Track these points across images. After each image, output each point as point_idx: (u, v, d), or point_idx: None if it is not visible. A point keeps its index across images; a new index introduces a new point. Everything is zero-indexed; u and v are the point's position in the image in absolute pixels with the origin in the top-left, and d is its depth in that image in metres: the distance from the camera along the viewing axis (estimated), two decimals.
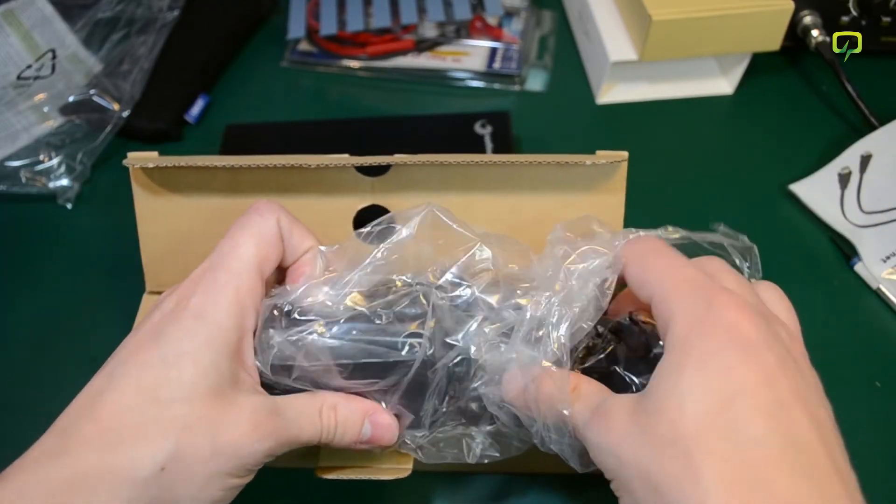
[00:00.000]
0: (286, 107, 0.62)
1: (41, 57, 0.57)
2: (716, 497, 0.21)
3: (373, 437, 0.30)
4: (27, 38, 0.57)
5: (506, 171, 0.37)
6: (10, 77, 0.56)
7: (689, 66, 0.61)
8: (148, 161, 0.36)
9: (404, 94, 0.62)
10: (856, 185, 0.51)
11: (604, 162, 0.36)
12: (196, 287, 0.27)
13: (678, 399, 0.23)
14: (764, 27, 0.54)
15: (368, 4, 0.63)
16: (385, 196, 0.39)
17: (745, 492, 0.21)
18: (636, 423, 0.24)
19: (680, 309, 0.25)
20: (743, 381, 0.23)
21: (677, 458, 0.22)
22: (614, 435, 0.25)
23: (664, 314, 0.26)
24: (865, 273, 0.48)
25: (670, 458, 0.23)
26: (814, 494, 0.21)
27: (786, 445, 0.22)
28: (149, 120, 0.57)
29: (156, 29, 0.61)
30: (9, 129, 0.56)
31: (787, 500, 0.21)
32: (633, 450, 0.24)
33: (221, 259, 0.28)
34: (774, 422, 0.22)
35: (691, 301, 0.25)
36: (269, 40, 0.66)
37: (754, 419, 0.22)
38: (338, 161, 0.36)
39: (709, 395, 0.23)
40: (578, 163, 0.36)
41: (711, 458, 0.22)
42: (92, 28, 0.60)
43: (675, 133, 0.59)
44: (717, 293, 0.25)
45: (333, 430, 0.29)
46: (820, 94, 0.60)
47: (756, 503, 0.21)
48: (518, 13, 0.66)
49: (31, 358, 0.45)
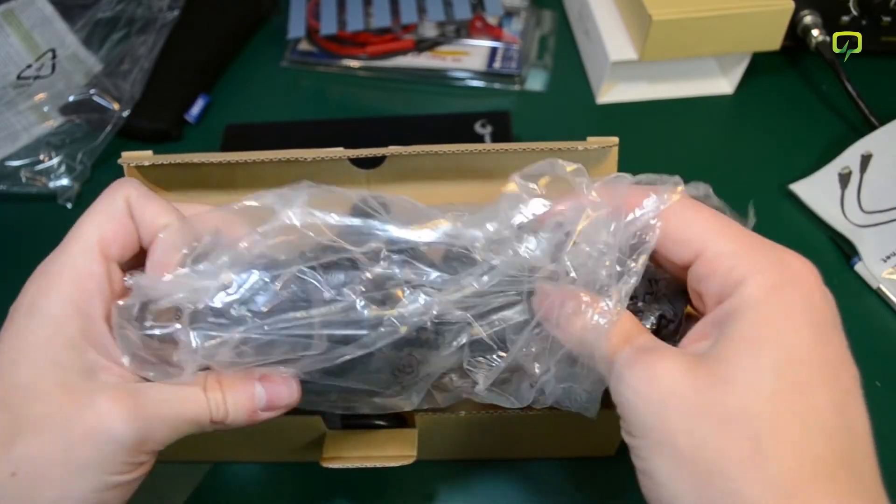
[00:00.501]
0: (286, 107, 0.62)
1: (41, 57, 0.57)
2: (782, 487, 0.20)
3: (270, 400, 0.27)
4: (27, 37, 0.57)
5: (499, 160, 0.38)
6: (10, 77, 0.56)
7: (689, 66, 0.61)
8: (143, 160, 0.36)
9: (404, 94, 0.62)
10: (856, 185, 0.51)
11: (595, 147, 0.36)
12: (32, 281, 0.25)
13: (754, 374, 0.21)
14: (764, 27, 0.54)
15: (368, 4, 0.63)
16: (381, 187, 0.39)
17: (810, 486, 0.20)
18: (695, 384, 0.21)
19: (756, 269, 0.23)
20: (818, 367, 0.21)
21: (745, 438, 0.20)
22: (663, 388, 0.22)
23: (729, 271, 0.23)
24: (865, 273, 0.48)
25: (736, 436, 0.21)
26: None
27: (851, 444, 0.21)
28: (149, 120, 0.57)
29: (156, 29, 0.61)
30: (9, 129, 0.56)
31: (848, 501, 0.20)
32: (685, 412, 0.21)
33: (61, 246, 0.26)
34: (842, 417, 0.21)
35: (768, 263, 0.23)
36: (269, 40, 0.66)
37: (826, 410, 0.21)
38: (333, 154, 0.36)
39: (785, 376, 0.21)
40: (571, 149, 0.36)
41: (783, 446, 0.20)
42: (92, 28, 0.60)
43: (675, 133, 0.59)
44: (789, 257, 0.23)
45: (222, 402, 0.26)
46: (820, 94, 0.60)
47: (818, 502, 0.20)
48: (518, 13, 0.66)
49: None
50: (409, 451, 0.35)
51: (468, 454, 0.41)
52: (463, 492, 0.40)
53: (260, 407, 0.27)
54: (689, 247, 0.25)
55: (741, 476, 0.20)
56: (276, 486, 0.41)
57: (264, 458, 0.41)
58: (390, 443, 0.36)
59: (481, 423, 0.36)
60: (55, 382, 0.24)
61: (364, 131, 0.57)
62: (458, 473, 0.41)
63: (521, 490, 0.40)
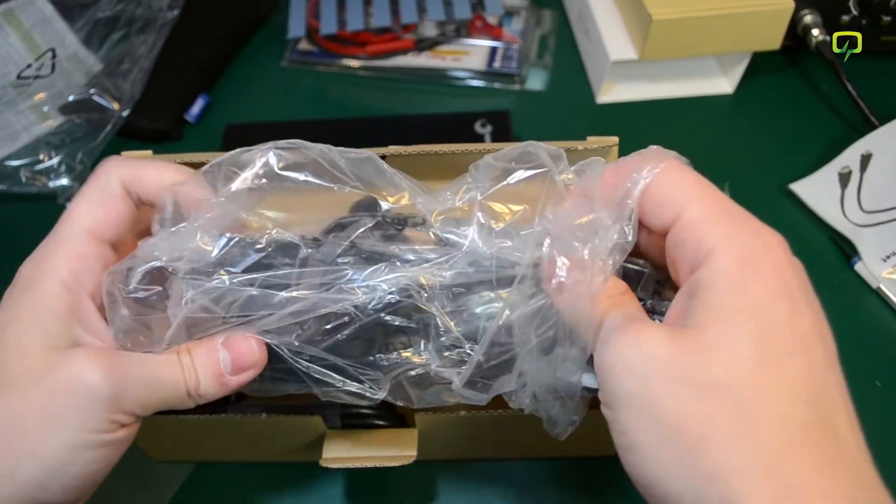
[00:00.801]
0: (286, 106, 0.62)
1: (41, 56, 0.57)
2: (767, 455, 0.20)
3: (234, 361, 0.27)
4: (27, 37, 0.57)
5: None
6: (10, 77, 0.56)
7: (689, 66, 0.61)
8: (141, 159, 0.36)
9: (404, 94, 0.62)
10: (856, 185, 0.51)
11: (595, 146, 0.36)
12: (27, 263, 0.27)
13: (736, 344, 0.21)
14: (764, 27, 0.54)
15: (368, 4, 0.63)
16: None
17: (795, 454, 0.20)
18: (679, 352, 0.22)
19: (727, 239, 0.23)
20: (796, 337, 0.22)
21: (729, 407, 0.21)
22: (647, 353, 0.22)
23: (701, 239, 0.23)
24: (865, 272, 0.48)
25: (720, 405, 0.21)
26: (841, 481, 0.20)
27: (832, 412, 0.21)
28: (149, 119, 0.57)
29: (156, 29, 0.60)
30: (9, 129, 0.56)
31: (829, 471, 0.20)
32: (669, 378, 0.21)
33: (54, 229, 0.27)
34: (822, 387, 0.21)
35: (739, 233, 0.23)
36: (269, 40, 0.66)
37: (806, 380, 0.21)
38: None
39: (765, 347, 0.21)
40: (570, 148, 0.36)
41: (767, 416, 0.20)
42: (92, 27, 0.60)
43: (675, 132, 0.59)
44: (764, 230, 0.23)
45: (192, 366, 0.26)
46: (820, 93, 0.60)
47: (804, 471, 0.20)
48: (518, 12, 0.66)
49: None
50: (408, 451, 0.35)
51: (468, 454, 0.41)
52: (462, 492, 0.40)
53: (226, 370, 0.27)
54: (669, 209, 0.24)
55: (726, 444, 0.20)
56: (276, 487, 0.41)
57: (265, 459, 0.41)
58: (390, 443, 0.36)
59: (481, 422, 0.35)
60: (39, 344, 0.25)
61: (364, 131, 0.57)
62: (458, 473, 0.41)
63: (521, 490, 0.40)
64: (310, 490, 0.41)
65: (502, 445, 0.40)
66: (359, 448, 0.36)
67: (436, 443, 0.38)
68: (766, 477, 0.20)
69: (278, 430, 0.37)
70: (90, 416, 0.24)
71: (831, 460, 0.20)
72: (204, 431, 0.37)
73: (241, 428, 0.37)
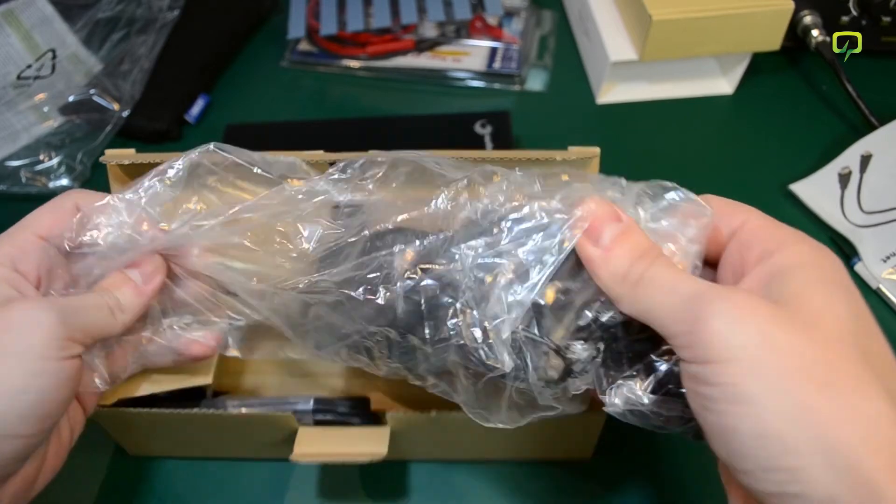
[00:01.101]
0: (286, 107, 0.62)
1: (41, 57, 0.57)
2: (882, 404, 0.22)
3: (142, 274, 0.31)
4: (27, 38, 0.57)
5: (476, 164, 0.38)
6: (10, 77, 0.56)
7: (689, 66, 0.61)
8: (124, 158, 0.37)
9: (404, 94, 0.62)
10: (856, 185, 0.51)
11: (574, 158, 0.37)
12: None
13: (838, 315, 0.23)
14: (764, 27, 0.54)
15: (368, 4, 0.63)
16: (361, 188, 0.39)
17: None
18: (790, 312, 0.23)
19: (791, 237, 0.26)
20: (869, 320, 0.24)
21: (852, 356, 0.22)
22: (764, 315, 0.23)
23: (770, 237, 0.26)
24: (865, 273, 0.48)
25: (844, 355, 0.22)
26: None
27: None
28: (148, 120, 0.57)
29: (156, 29, 0.61)
30: (9, 129, 0.56)
31: None
32: (789, 331, 0.23)
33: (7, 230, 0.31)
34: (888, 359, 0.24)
35: (794, 233, 0.26)
36: (269, 40, 0.66)
37: (883, 351, 0.24)
38: (311, 157, 0.37)
39: (856, 322, 0.24)
40: (549, 158, 0.36)
41: (882, 375, 0.22)
42: (92, 28, 0.60)
43: (675, 133, 0.59)
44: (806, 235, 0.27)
45: (109, 291, 0.30)
46: (820, 94, 0.60)
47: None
48: (518, 13, 0.66)
49: None
50: (379, 449, 0.35)
51: (442, 454, 0.41)
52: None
53: (138, 281, 0.31)
54: (735, 217, 0.28)
55: (855, 389, 0.22)
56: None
57: (238, 455, 0.41)
58: (361, 440, 0.36)
59: (452, 422, 0.36)
60: None
61: (364, 131, 0.57)
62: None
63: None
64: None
65: (476, 446, 0.40)
66: (330, 444, 0.36)
67: (408, 441, 0.38)
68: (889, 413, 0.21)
69: (251, 426, 0.38)
70: (41, 343, 0.27)
71: None
72: (178, 426, 0.38)
73: (214, 423, 0.38)
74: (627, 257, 0.26)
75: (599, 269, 0.26)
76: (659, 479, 0.40)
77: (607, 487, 0.40)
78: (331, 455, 0.35)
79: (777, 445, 0.21)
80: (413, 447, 0.39)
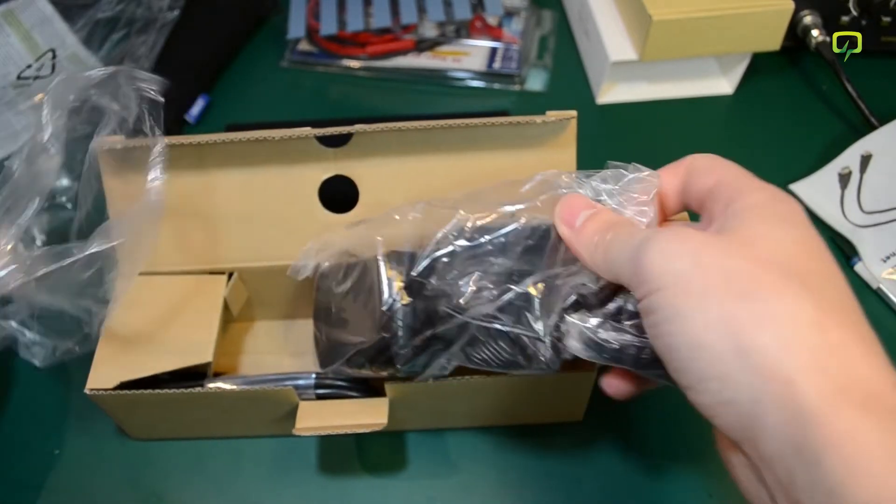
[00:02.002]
0: (286, 107, 0.62)
1: (41, 57, 0.57)
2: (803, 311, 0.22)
3: None
4: (27, 37, 0.57)
5: (463, 134, 0.39)
6: (10, 77, 0.56)
7: (689, 66, 0.61)
8: (115, 144, 0.38)
9: (404, 94, 0.62)
10: (856, 185, 0.51)
11: (553, 119, 0.38)
12: None
13: (776, 239, 0.24)
14: (764, 27, 0.54)
15: (368, 4, 0.63)
16: (348, 165, 0.40)
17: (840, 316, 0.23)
18: (727, 239, 0.25)
19: (756, 186, 0.27)
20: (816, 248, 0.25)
21: (783, 276, 0.23)
22: (694, 239, 0.25)
23: (739, 187, 0.27)
24: (865, 273, 0.48)
25: (771, 273, 0.23)
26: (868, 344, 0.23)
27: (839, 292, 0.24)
28: None
29: (156, 29, 0.61)
30: (9, 129, 0.56)
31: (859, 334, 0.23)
32: (719, 255, 0.24)
33: None
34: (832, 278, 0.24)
35: (759, 183, 0.28)
36: (269, 40, 0.66)
37: (826, 271, 0.24)
38: (300, 133, 0.37)
39: (795, 245, 0.25)
40: (530, 122, 0.38)
41: (812, 287, 0.23)
42: (92, 28, 0.60)
43: (675, 133, 0.59)
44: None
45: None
46: (820, 94, 0.60)
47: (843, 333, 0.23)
48: (518, 13, 0.66)
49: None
50: (379, 419, 0.36)
51: (439, 423, 0.42)
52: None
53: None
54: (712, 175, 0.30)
55: (777, 291, 0.23)
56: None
57: (241, 433, 0.42)
58: (361, 411, 0.37)
59: (449, 389, 0.36)
60: None
61: None
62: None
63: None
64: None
65: (472, 413, 0.41)
66: (332, 417, 0.37)
67: (407, 410, 0.38)
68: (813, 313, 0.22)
69: (254, 402, 0.38)
70: None
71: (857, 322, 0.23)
72: (180, 406, 0.38)
73: (217, 401, 0.38)
74: (597, 230, 0.29)
75: (576, 244, 0.30)
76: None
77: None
78: (333, 427, 0.36)
79: (706, 355, 0.23)
80: (412, 415, 0.40)
